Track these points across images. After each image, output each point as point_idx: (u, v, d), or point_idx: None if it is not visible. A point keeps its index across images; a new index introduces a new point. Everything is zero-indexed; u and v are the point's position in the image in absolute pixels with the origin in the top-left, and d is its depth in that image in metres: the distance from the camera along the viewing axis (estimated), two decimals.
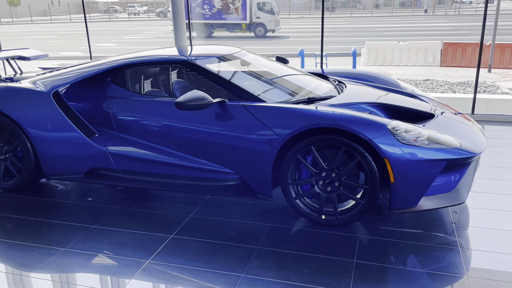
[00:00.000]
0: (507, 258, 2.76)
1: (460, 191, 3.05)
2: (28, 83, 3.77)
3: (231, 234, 3.13)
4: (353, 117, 2.93)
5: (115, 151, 3.52)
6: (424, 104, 3.70)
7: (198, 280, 2.60)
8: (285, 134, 3.01)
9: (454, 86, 9.14)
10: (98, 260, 2.84)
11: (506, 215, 3.29)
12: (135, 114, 3.56)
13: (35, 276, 2.71)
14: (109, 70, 3.70)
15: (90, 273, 2.72)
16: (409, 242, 2.96)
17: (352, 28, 25.76)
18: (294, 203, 3.16)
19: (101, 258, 2.86)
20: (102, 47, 19.52)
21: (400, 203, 2.94)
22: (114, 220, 3.38)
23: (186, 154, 3.40)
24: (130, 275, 2.66)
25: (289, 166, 3.08)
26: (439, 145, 2.92)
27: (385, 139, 2.84)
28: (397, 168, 2.85)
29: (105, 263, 2.81)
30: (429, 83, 9.54)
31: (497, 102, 6.39)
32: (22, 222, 3.40)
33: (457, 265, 2.69)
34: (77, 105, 3.76)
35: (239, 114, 3.21)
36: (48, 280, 2.69)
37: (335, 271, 2.66)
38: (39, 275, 2.71)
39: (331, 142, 2.96)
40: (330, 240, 3.00)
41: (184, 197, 3.74)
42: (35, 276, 2.71)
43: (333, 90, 3.76)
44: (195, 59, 3.66)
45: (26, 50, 4.94)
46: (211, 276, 2.62)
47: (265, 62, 4.18)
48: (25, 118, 3.59)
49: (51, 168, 3.69)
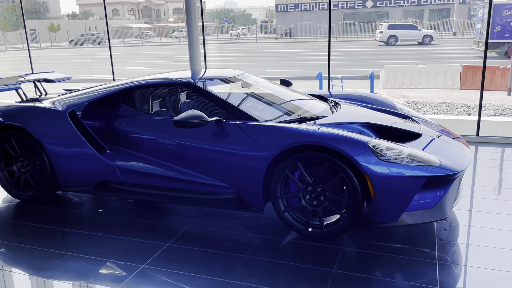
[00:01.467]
0: (494, 273, 2.85)
1: (443, 207, 3.17)
2: (48, 103, 4.15)
3: (224, 244, 3.34)
4: (335, 136, 3.13)
5: (122, 165, 3.82)
6: (413, 125, 3.85)
7: (184, 284, 2.82)
8: (274, 151, 3.23)
9: (470, 109, 9.15)
10: (98, 264, 3.10)
11: (496, 233, 3.36)
12: (141, 131, 3.87)
13: (41, 276, 3.00)
14: (120, 91, 4.04)
15: (90, 275, 2.98)
16: (393, 256, 3.09)
17: (377, 51, 25.86)
18: (283, 216, 3.36)
19: (102, 262, 3.12)
20: (132, 70, 20.34)
21: (382, 217, 3.10)
22: (119, 229, 3.66)
23: (186, 169, 3.66)
24: (125, 278, 2.91)
25: (278, 180, 3.29)
26: (419, 163, 3.07)
27: (366, 156, 3.02)
28: (378, 184, 3.01)
29: (104, 266, 3.07)
30: (445, 106, 9.57)
31: (506, 125, 6.41)
32: (37, 230, 3.72)
33: (441, 280, 2.79)
34: (91, 123, 4.10)
35: (234, 132, 3.46)
36: (49, 280, 2.96)
37: (312, 279, 2.82)
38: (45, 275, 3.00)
39: (316, 159, 3.16)
40: (315, 251, 3.17)
41: (184, 209, 3.99)
42: (41, 276, 3.00)
43: (327, 111, 3.97)
44: (198, 81, 3.96)
45: (52, 73, 5.39)
46: (198, 281, 2.84)
47: (265, 84, 4.44)
48: (44, 134, 3.95)
49: (65, 181, 4.02)
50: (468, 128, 5.96)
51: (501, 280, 2.78)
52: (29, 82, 5.02)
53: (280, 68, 19.17)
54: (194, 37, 6.31)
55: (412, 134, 3.61)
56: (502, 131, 6.31)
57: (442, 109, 9.26)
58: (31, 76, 5.19)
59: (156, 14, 78.09)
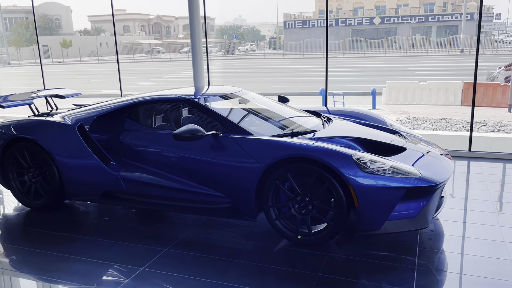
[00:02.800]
0: (472, 279, 3.03)
1: (424, 216, 3.37)
2: (58, 117, 4.45)
3: (219, 250, 3.56)
4: (322, 149, 3.37)
5: (126, 176, 4.08)
6: (400, 140, 4.07)
7: (178, 286, 3.05)
8: (265, 163, 3.47)
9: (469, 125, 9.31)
10: (101, 267, 3.35)
11: (479, 243, 3.55)
12: (144, 144, 4.13)
13: (47, 277, 3.24)
14: (125, 107, 4.33)
15: (92, 276, 3.22)
16: (376, 262, 3.28)
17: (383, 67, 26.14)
18: (274, 224, 3.58)
19: (104, 265, 3.36)
20: (141, 86, 20.80)
21: (365, 225, 3.31)
22: (122, 235, 3.90)
23: (185, 180, 3.91)
24: (125, 279, 3.14)
25: (269, 190, 3.52)
26: (401, 175, 3.29)
27: (350, 168, 3.25)
28: (361, 194, 3.23)
29: (106, 269, 3.31)
30: (445, 122, 9.75)
31: (501, 140, 6.58)
32: (46, 236, 3.97)
33: (418, 284, 2.98)
34: (98, 136, 4.38)
35: (230, 145, 3.71)
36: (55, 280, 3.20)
37: (299, 281, 3.03)
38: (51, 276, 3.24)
39: (304, 170, 3.39)
40: (303, 257, 3.38)
41: (184, 218, 4.22)
42: (48, 277, 3.24)
43: (319, 125, 4.21)
44: (198, 98, 4.24)
45: (62, 90, 5.71)
46: (191, 283, 3.06)
47: (262, 100, 4.70)
48: (54, 147, 4.23)
49: (73, 190, 4.29)
50: (462, 144, 6.15)
51: (475, 284, 2.96)
52: (41, 97, 5.33)
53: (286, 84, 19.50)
54: (197, 55, 6.61)
55: (398, 148, 3.83)
56: (496, 147, 6.49)
57: (441, 125, 9.45)
58: (43, 92, 5.51)
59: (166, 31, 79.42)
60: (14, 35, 57.36)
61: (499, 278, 3.01)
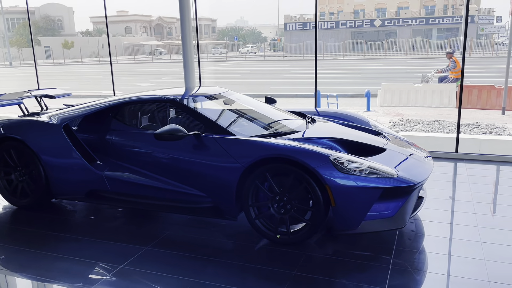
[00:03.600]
0: (453, 280, 3.06)
1: (401, 216, 3.41)
2: (45, 117, 4.50)
3: (200, 249, 3.60)
4: (300, 149, 3.41)
5: (110, 175, 4.13)
6: (381, 141, 4.11)
7: (155, 283, 3.09)
8: (245, 162, 3.52)
9: (461, 127, 9.34)
10: (82, 264, 3.39)
11: (458, 243, 3.59)
12: (129, 144, 4.18)
13: (27, 273, 3.29)
14: (111, 106, 4.38)
15: (73, 274, 3.26)
16: (352, 261, 3.32)
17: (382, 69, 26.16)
18: (254, 223, 3.62)
19: (85, 263, 3.41)
20: (140, 86, 20.86)
21: (342, 225, 3.35)
22: (106, 234, 3.95)
23: (168, 179, 3.95)
24: (104, 276, 3.19)
25: (249, 190, 3.56)
26: (378, 175, 3.33)
27: (327, 168, 3.29)
28: (338, 193, 3.27)
29: (87, 266, 3.36)
30: (438, 124, 9.78)
31: (489, 142, 6.61)
32: (31, 234, 4.02)
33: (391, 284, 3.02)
34: (84, 136, 4.43)
35: (211, 145, 3.75)
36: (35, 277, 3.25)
37: (275, 279, 3.07)
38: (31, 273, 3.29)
39: (283, 170, 3.43)
40: (282, 256, 3.42)
41: (168, 217, 4.27)
42: (27, 273, 3.29)
43: (302, 126, 4.26)
44: (183, 98, 4.28)
45: (53, 90, 5.77)
46: (169, 281, 3.11)
47: (248, 101, 4.75)
48: (40, 146, 4.28)
49: (58, 189, 4.34)
50: (450, 145, 6.18)
51: (446, 283, 3.00)
52: (31, 97, 5.39)
53: (284, 86, 19.54)
54: (188, 56, 6.67)
55: (378, 148, 3.87)
56: (485, 149, 6.52)
57: (434, 127, 9.48)
58: (34, 92, 5.56)
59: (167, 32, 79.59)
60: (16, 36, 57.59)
61: (474, 278, 3.05)
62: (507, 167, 5.58)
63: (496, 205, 4.44)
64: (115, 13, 74.51)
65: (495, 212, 4.23)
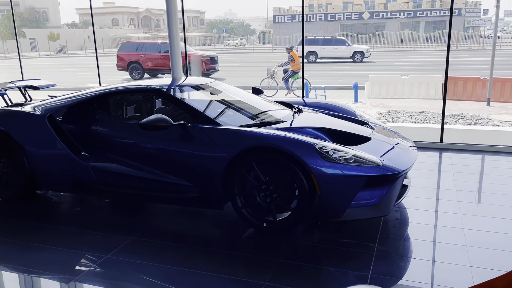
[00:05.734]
0: (437, 265, 3.11)
1: (386, 204, 3.45)
2: (29, 107, 4.45)
3: (187, 238, 3.61)
4: (285, 138, 3.42)
5: (95, 166, 4.10)
6: (366, 130, 4.14)
7: (140, 272, 3.09)
8: (231, 152, 3.52)
9: (447, 118, 9.45)
10: (67, 254, 3.38)
11: (441, 230, 3.65)
12: (114, 134, 4.15)
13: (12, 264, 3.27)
14: (96, 96, 4.34)
15: (57, 264, 3.25)
16: (337, 248, 3.36)
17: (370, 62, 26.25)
18: (240, 212, 3.63)
19: (70, 253, 3.40)
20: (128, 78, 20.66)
21: (327, 213, 3.38)
22: (91, 225, 3.93)
23: (154, 169, 3.94)
24: (89, 266, 3.18)
25: (235, 179, 3.57)
26: (362, 164, 3.36)
27: (312, 157, 3.31)
28: (323, 182, 3.30)
29: (72, 256, 3.34)
30: (424, 115, 9.88)
31: (473, 132, 6.71)
32: (15, 225, 3.98)
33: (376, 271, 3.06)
34: (69, 126, 4.38)
35: (197, 135, 3.75)
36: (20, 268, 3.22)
37: (261, 266, 3.10)
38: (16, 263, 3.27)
39: (268, 159, 3.45)
40: (268, 245, 3.44)
41: (156, 207, 4.26)
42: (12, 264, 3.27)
43: (289, 116, 4.27)
44: (169, 88, 4.26)
45: (37, 81, 5.69)
46: (153, 269, 3.11)
47: (234, 91, 4.74)
48: (24, 137, 4.24)
49: (43, 180, 4.30)
50: (435, 136, 6.25)
51: (429, 269, 3.05)
52: (15, 88, 5.31)
53: None
54: (175, 47, 6.62)
55: (363, 138, 3.90)
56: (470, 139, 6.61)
57: (420, 118, 9.57)
58: (18, 83, 5.48)
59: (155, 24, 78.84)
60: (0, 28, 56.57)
61: (456, 263, 3.10)
62: (491, 156, 5.67)
63: (480, 194, 4.52)
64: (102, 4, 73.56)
65: (478, 200, 4.31)
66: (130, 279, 3.03)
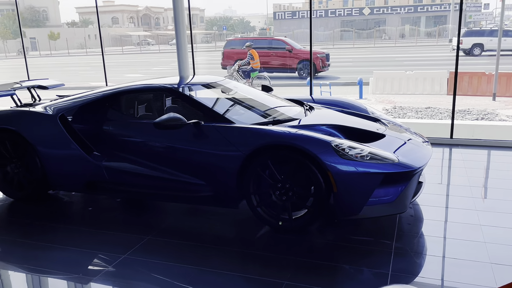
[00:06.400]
0: (455, 262, 3.10)
1: (402, 201, 3.44)
2: (40, 108, 4.43)
3: (201, 237, 3.60)
4: (301, 136, 3.41)
5: (108, 165, 4.08)
6: (380, 127, 4.12)
7: (158, 272, 3.08)
8: (245, 150, 3.50)
9: None
10: (84, 254, 3.37)
11: (458, 226, 3.63)
12: (126, 133, 4.14)
13: (29, 265, 3.26)
14: (108, 96, 4.32)
15: (75, 264, 3.24)
16: (355, 246, 3.35)
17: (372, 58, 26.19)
18: (256, 211, 3.62)
19: (87, 253, 3.39)
20: (129, 77, 20.65)
21: (344, 211, 3.36)
22: (105, 224, 3.92)
23: (167, 168, 3.92)
24: (107, 266, 3.17)
25: (250, 178, 3.56)
26: (379, 161, 3.34)
27: (328, 154, 3.29)
28: (339, 179, 3.28)
29: (89, 257, 3.34)
30: (430, 111, 9.85)
31: (482, 128, 6.69)
32: (28, 226, 3.97)
33: (394, 268, 3.05)
34: (81, 126, 4.37)
35: (211, 133, 3.73)
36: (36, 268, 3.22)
37: (280, 266, 3.08)
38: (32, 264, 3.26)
39: (284, 157, 3.43)
40: (284, 243, 3.43)
41: (167, 206, 4.25)
42: (29, 265, 3.26)
43: (301, 114, 4.25)
44: (180, 87, 4.24)
45: (45, 80, 5.67)
46: (172, 269, 3.10)
47: (245, 89, 4.72)
48: (36, 137, 4.22)
49: (55, 181, 4.29)
50: (444, 131, 6.23)
51: (449, 266, 3.04)
52: (23, 88, 5.30)
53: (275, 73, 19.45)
54: (182, 45, 6.60)
55: (377, 135, 3.88)
56: (478, 134, 6.59)
57: (426, 114, 9.55)
58: (25, 83, 5.47)
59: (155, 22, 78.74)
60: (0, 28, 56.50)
61: (475, 260, 3.09)
62: (501, 151, 5.65)
63: (494, 189, 4.50)
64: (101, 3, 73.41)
65: (493, 196, 4.29)
66: (148, 279, 3.02)
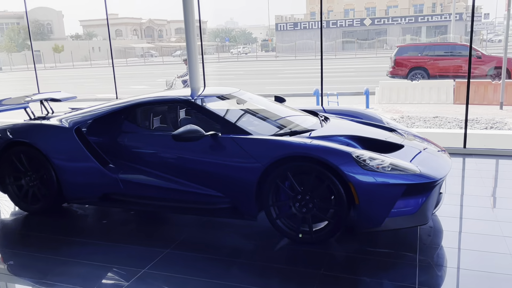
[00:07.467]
0: (473, 274, 3.06)
1: (424, 213, 3.39)
2: (55, 120, 4.42)
3: (220, 250, 3.55)
4: (322, 147, 3.38)
5: (124, 178, 4.06)
6: (397, 137, 4.10)
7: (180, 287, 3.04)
8: (265, 162, 3.47)
9: (462, 123, 9.39)
10: (102, 269, 3.33)
11: (480, 238, 3.58)
12: (142, 146, 4.12)
13: (47, 280, 3.22)
14: (123, 108, 4.31)
15: (93, 279, 3.20)
16: (377, 259, 3.30)
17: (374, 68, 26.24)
18: (275, 223, 3.58)
19: (105, 267, 3.35)
20: (135, 89, 20.72)
21: (366, 223, 3.32)
22: (122, 237, 3.89)
23: (184, 180, 3.90)
24: (127, 281, 3.13)
25: (269, 189, 3.52)
26: (400, 172, 3.31)
27: (350, 166, 3.26)
28: (361, 191, 3.24)
29: (107, 271, 3.29)
30: (438, 120, 9.83)
31: (494, 137, 6.65)
32: (44, 240, 3.94)
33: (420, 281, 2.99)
34: (96, 139, 4.36)
35: (229, 145, 3.71)
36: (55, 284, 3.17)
37: (301, 280, 3.03)
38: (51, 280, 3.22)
39: (304, 169, 3.40)
40: (305, 256, 3.38)
41: (183, 219, 4.21)
42: (47, 280, 3.21)
43: (317, 124, 4.23)
44: (196, 98, 4.24)
45: (58, 93, 5.68)
46: (194, 283, 3.06)
47: (259, 100, 4.71)
48: (51, 150, 4.21)
49: (71, 193, 4.26)
50: (457, 141, 6.19)
51: (476, 279, 2.98)
52: (36, 101, 5.30)
53: (279, 85, 19.52)
54: (193, 57, 6.62)
55: (396, 145, 3.85)
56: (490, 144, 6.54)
57: (435, 123, 9.52)
58: (38, 96, 5.48)
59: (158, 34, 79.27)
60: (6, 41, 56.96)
61: (498, 272, 3.04)
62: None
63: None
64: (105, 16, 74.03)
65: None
66: None
